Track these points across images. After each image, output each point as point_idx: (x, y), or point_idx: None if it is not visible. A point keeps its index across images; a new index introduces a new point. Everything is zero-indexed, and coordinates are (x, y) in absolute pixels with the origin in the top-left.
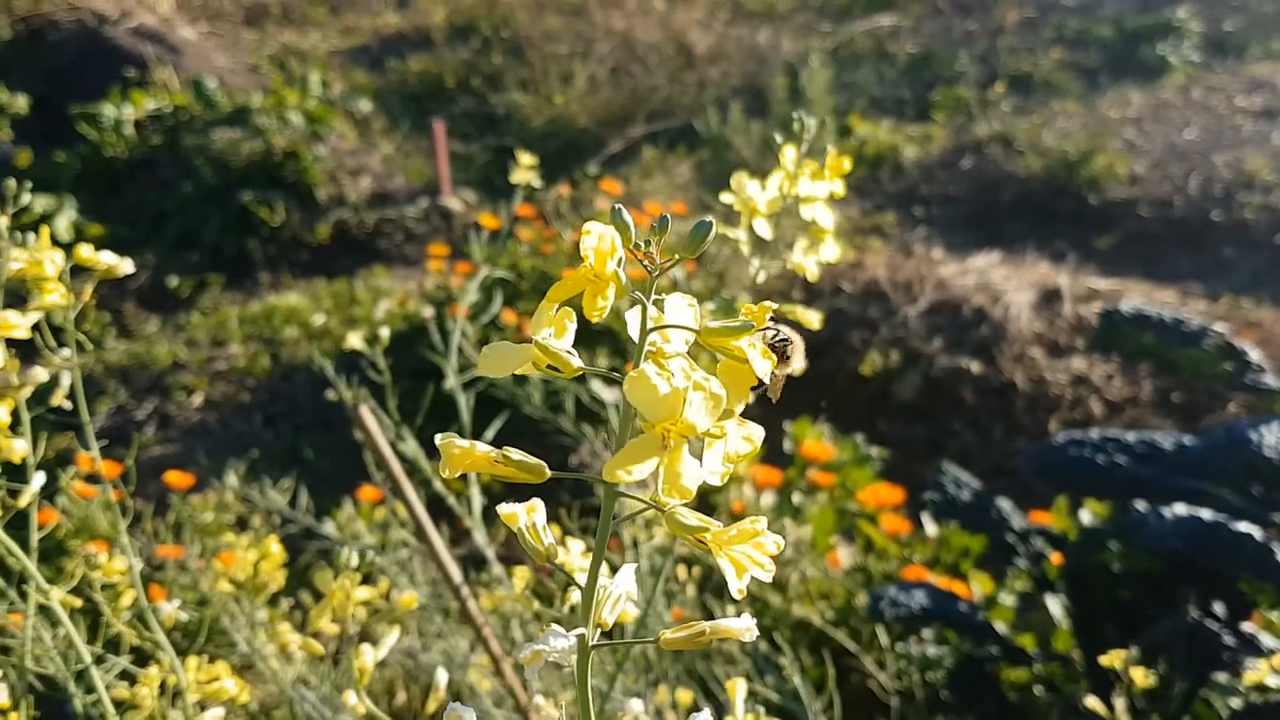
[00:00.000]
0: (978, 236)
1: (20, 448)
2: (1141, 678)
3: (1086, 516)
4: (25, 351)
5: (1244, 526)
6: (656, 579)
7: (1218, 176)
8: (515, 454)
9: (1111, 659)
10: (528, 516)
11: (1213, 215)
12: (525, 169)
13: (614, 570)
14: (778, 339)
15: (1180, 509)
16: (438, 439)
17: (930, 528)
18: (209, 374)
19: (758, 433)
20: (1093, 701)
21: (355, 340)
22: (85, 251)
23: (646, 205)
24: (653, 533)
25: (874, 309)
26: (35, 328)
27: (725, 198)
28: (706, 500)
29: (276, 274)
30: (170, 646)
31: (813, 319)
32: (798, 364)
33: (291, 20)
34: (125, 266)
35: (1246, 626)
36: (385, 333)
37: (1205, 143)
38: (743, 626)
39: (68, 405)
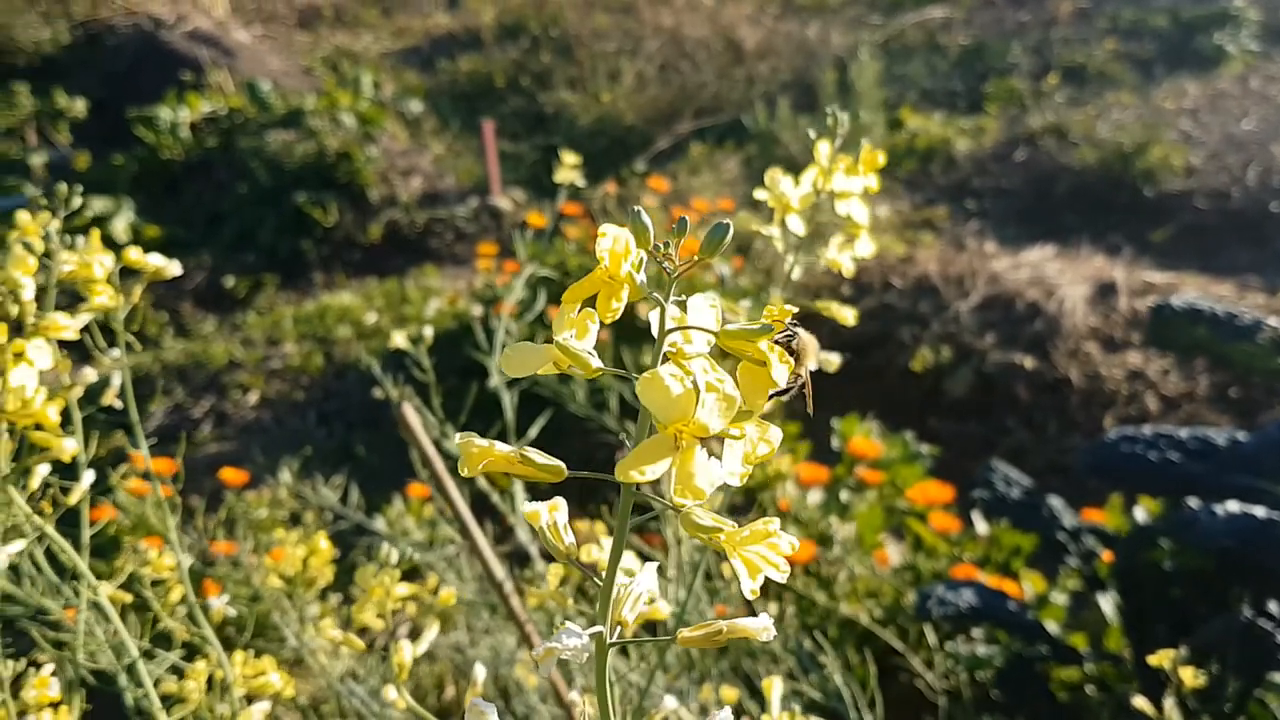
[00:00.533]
0: (1031, 230)
1: (70, 446)
2: (1191, 678)
3: (1140, 514)
4: (78, 353)
5: None
6: (694, 575)
7: (1277, 167)
8: (533, 453)
9: (1160, 658)
10: (549, 515)
11: (1271, 207)
12: (569, 168)
13: (657, 569)
14: (783, 336)
15: (1233, 506)
16: (456, 438)
17: (981, 526)
18: (264, 372)
19: (776, 435)
20: (1141, 702)
21: (400, 339)
22: (134, 254)
23: (693, 202)
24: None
25: (925, 304)
26: (86, 329)
27: (759, 194)
28: (752, 497)
29: (330, 274)
30: (217, 641)
31: (848, 315)
32: (811, 364)
33: (344, 22)
34: (173, 268)
35: None
36: (429, 332)
37: (1264, 133)
38: (760, 626)
39: (118, 404)
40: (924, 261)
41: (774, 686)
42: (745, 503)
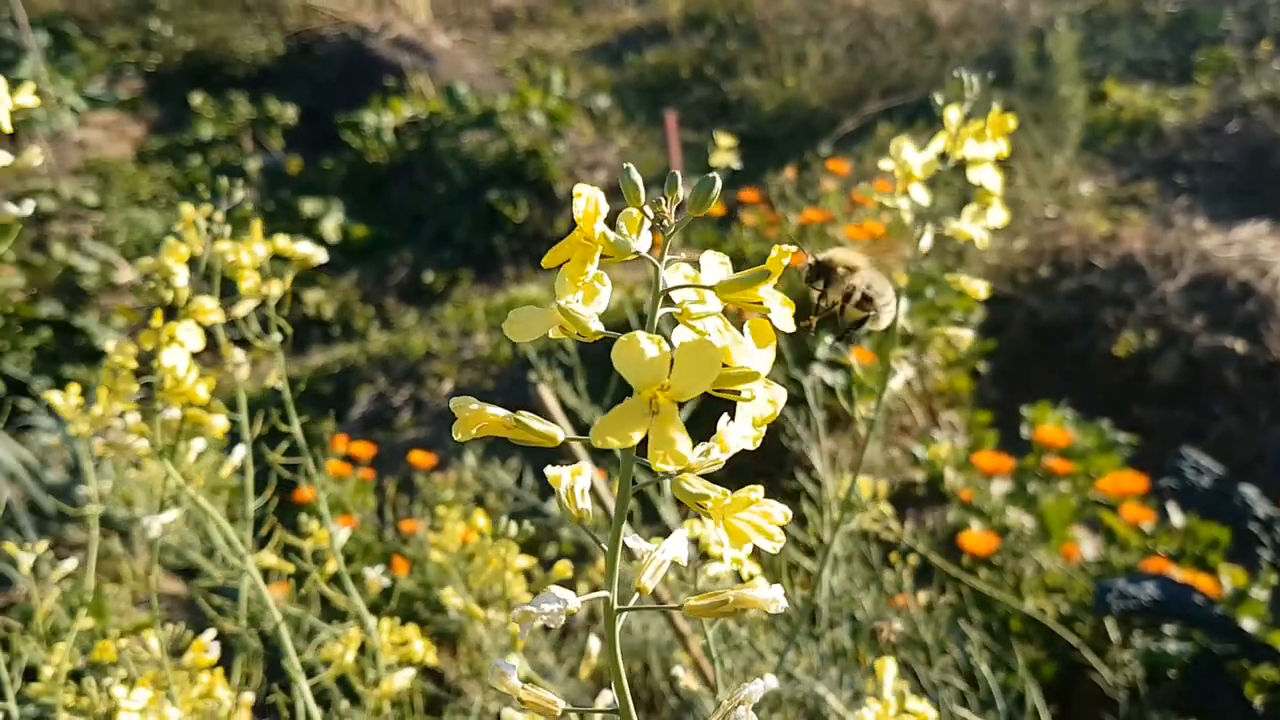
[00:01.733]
0: (1244, 206)
1: (220, 424)
2: None
3: None
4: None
5: None
6: (850, 564)
7: None
8: (528, 418)
9: None
10: (570, 479)
11: None
12: (724, 151)
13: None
14: (864, 289)
15: None
16: (451, 401)
17: (1176, 518)
18: (457, 362)
19: (780, 394)
20: None
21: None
22: (281, 242)
23: (876, 183)
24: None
25: (1129, 285)
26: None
27: (884, 163)
28: (935, 487)
29: (519, 267)
30: (366, 611)
31: (979, 289)
32: (886, 318)
33: (537, 23)
34: (319, 257)
35: None
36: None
37: None
38: (768, 597)
39: (280, 385)
40: (1129, 240)
41: (887, 668)
42: (927, 487)
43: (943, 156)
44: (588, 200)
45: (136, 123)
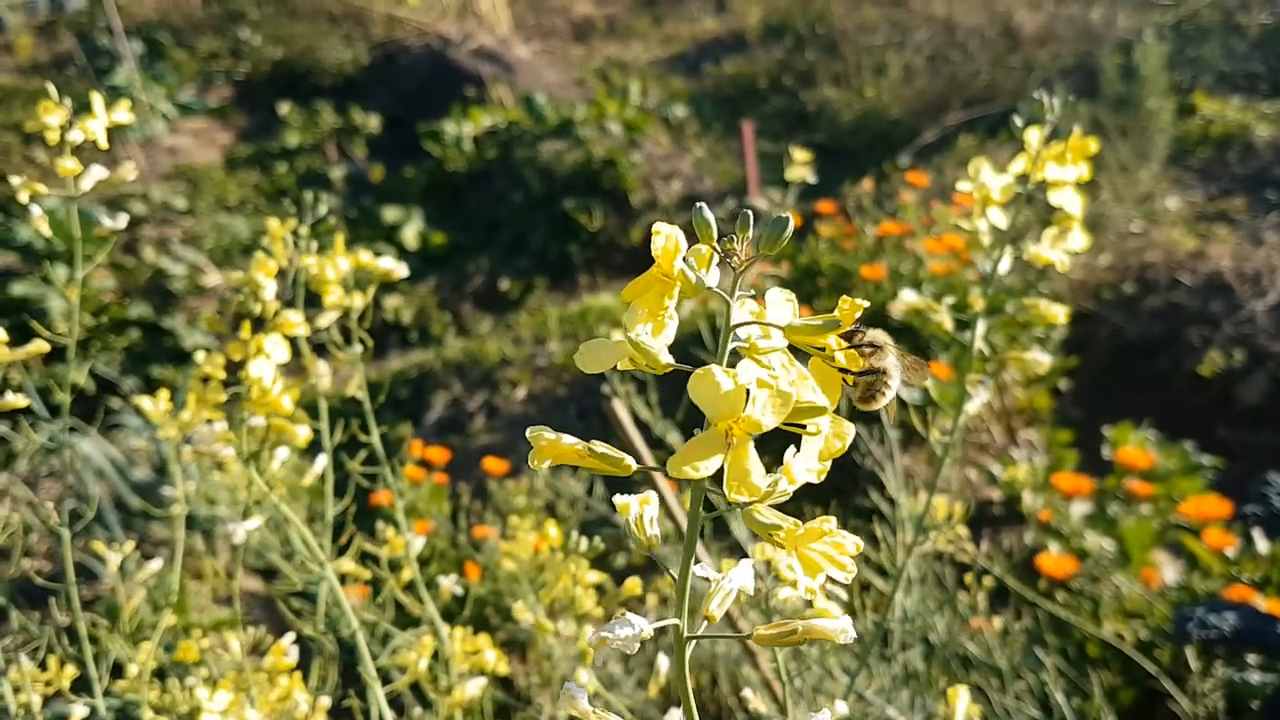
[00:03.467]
0: None
1: (303, 433)
2: None
3: None
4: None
5: None
6: (923, 585)
7: None
8: (600, 447)
9: None
10: (639, 508)
11: None
12: (800, 165)
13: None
14: (849, 333)
15: None
16: (528, 431)
17: (1261, 544)
18: (531, 369)
19: (849, 430)
20: None
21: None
22: (364, 257)
23: (956, 197)
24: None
25: (1216, 303)
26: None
27: (962, 185)
28: (1012, 507)
29: (593, 276)
30: (439, 618)
31: (1058, 313)
32: (889, 395)
33: (616, 33)
34: (400, 271)
35: None
36: None
37: None
38: (837, 628)
39: (360, 394)
40: (1217, 257)
41: (960, 696)
42: (1004, 508)
43: (1022, 178)
44: (667, 239)
45: (225, 130)
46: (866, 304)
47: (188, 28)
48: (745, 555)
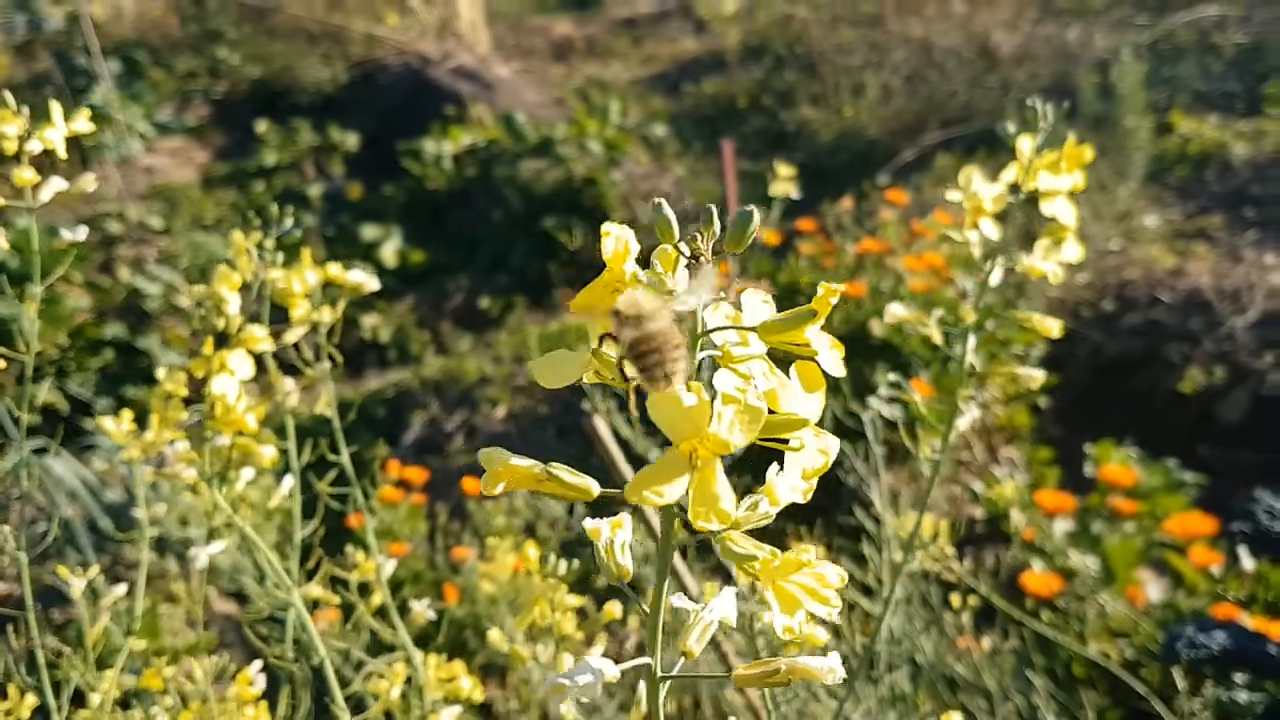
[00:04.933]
0: None
1: (268, 454)
2: None
3: None
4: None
5: None
6: (909, 605)
7: None
8: (561, 471)
9: None
10: (610, 533)
11: None
12: (784, 180)
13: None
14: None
15: None
16: (481, 452)
17: (1247, 562)
18: (511, 388)
19: (833, 444)
20: None
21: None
22: (334, 269)
23: (937, 214)
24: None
25: (1196, 320)
26: (295, 346)
27: (952, 195)
28: (998, 528)
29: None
30: (411, 644)
31: (1052, 327)
32: (662, 385)
33: (596, 53)
34: (371, 285)
35: None
36: None
37: None
38: (825, 667)
39: (330, 414)
40: (1196, 274)
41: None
42: (987, 531)
43: (1014, 188)
44: (617, 240)
45: (203, 148)
46: (842, 288)
47: (166, 47)
48: (731, 575)
